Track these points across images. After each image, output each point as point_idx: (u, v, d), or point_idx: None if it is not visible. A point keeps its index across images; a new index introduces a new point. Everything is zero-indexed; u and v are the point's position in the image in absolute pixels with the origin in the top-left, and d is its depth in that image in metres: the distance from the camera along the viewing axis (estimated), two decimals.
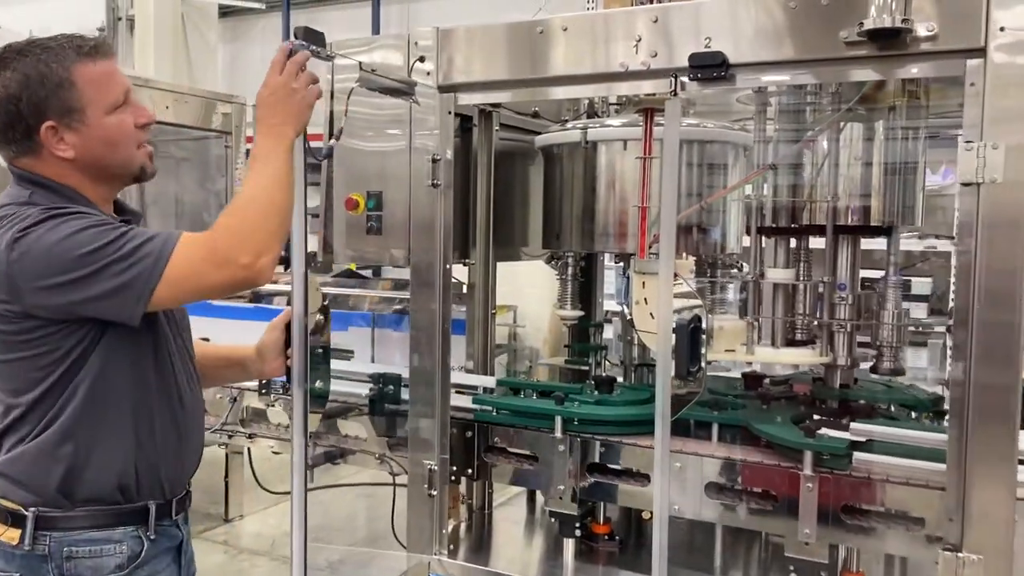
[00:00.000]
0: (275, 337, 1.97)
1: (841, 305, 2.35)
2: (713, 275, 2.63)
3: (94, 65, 1.66)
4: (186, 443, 1.79)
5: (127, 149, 1.71)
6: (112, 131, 1.67)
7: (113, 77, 1.69)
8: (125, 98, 1.70)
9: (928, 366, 5.39)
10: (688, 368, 2.03)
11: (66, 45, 1.65)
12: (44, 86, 1.61)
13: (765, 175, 2.41)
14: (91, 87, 1.64)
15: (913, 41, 1.79)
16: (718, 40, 1.97)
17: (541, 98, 2.66)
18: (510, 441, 2.44)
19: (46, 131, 1.62)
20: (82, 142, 1.65)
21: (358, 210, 2.48)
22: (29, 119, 1.62)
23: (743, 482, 2.15)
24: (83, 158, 1.66)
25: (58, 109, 1.62)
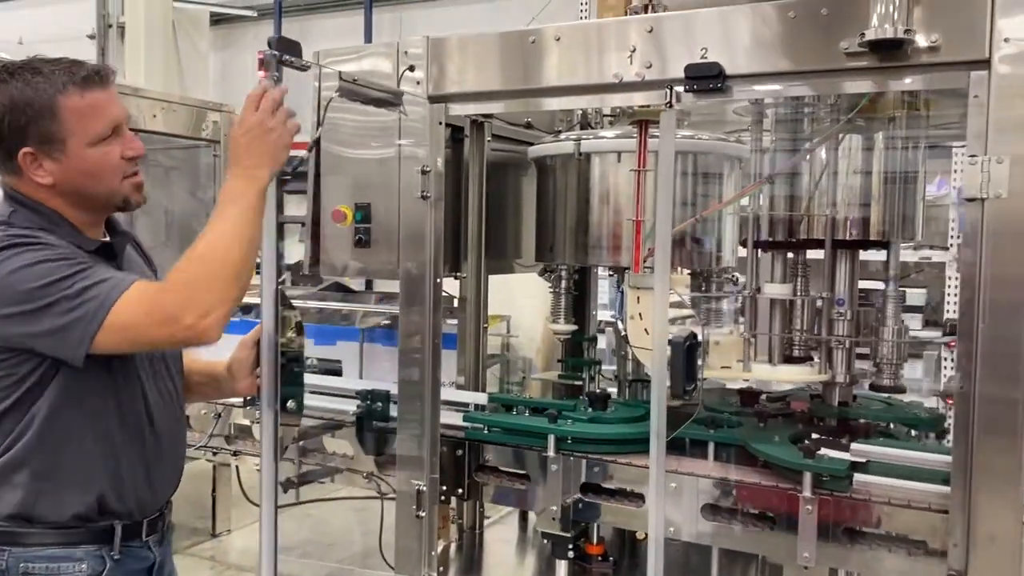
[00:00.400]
0: (245, 355, 1.90)
1: (839, 321, 2.30)
2: (708, 289, 2.58)
3: (81, 96, 1.59)
4: (158, 468, 1.73)
5: (110, 181, 1.65)
6: (93, 163, 1.61)
7: (102, 109, 1.62)
8: (113, 130, 1.63)
9: (923, 377, 5.35)
10: (684, 386, 1.97)
11: (59, 71, 1.59)
12: (26, 112, 1.56)
13: (761, 187, 2.36)
14: (74, 118, 1.59)
15: (915, 52, 1.75)
16: (714, 51, 1.93)
17: (533, 109, 2.60)
18: (502, 460, 2.38)
19: (24, 156, 1.58)
20: (61, 171, 1.60)
21: (346, 222, 2.42)
22: (9, 141, 1.58)
23: (740, 503, 2.09)
24: (62, 185, 1.61)
25: (37, 137, 1.57)
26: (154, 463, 1.72)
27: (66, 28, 9.03)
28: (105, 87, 1.63)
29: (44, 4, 9.57)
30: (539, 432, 2.29)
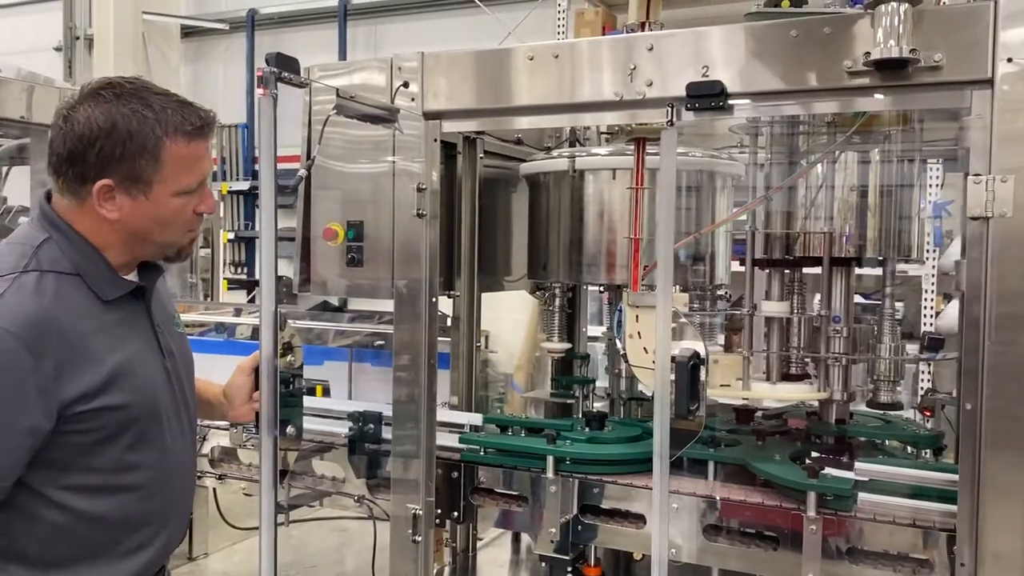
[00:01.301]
0: (243, 381, 1.86)
1: (836, 338, 2.30)
2: (703, 307, 2.56)
3: (187, 146, 1.52)
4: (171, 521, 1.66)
5: (175, 232, 1.59)
6: (170, 213, 1.55)
7: (200, 162, 1.56)
8: (199, 186, 1.58)
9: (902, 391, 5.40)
10: (688, 406, 1.95)
11: (171, 111, 1.51)
12: (125, 146, 1.47)
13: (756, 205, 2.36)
14: (173, 167, 1.51)
15: (917, 71, 1.75)
16: (716, 69, 1.92)
17: (532, 127, 2.58)
18: (498, 481, 2.34)
19: (100, 187, 1.49)
20: (133, 211, 1.52)
21: (337, 240, 2.38)
22: (90, 169, 1.48)
23: (743, 523, 2.07)
24: (126, 224, 1.53)
25: (125, 172, 1.49)
26: (167, 519, 1.64)
27: (32, 40, 8.86)
28: (208, 139, 1.57)
29: (8, 15, 9.38)
30: (538, 453, 2.25)
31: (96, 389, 1.45)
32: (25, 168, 4.81)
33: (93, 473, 1.50)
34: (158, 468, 1.59)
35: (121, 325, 1.55)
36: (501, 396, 5.64)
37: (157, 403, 1.58)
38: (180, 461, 1.66)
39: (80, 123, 1.47)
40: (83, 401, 1.44)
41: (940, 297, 5.50)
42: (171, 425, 1.63)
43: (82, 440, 1.47)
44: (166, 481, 1.62)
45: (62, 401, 1.42)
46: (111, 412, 1.48)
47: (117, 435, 1.50)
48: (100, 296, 1.52)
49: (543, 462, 2.24)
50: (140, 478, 1.56)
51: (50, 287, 1.46)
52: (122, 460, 1.52)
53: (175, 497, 1.66)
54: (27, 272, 1.46)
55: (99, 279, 1.53)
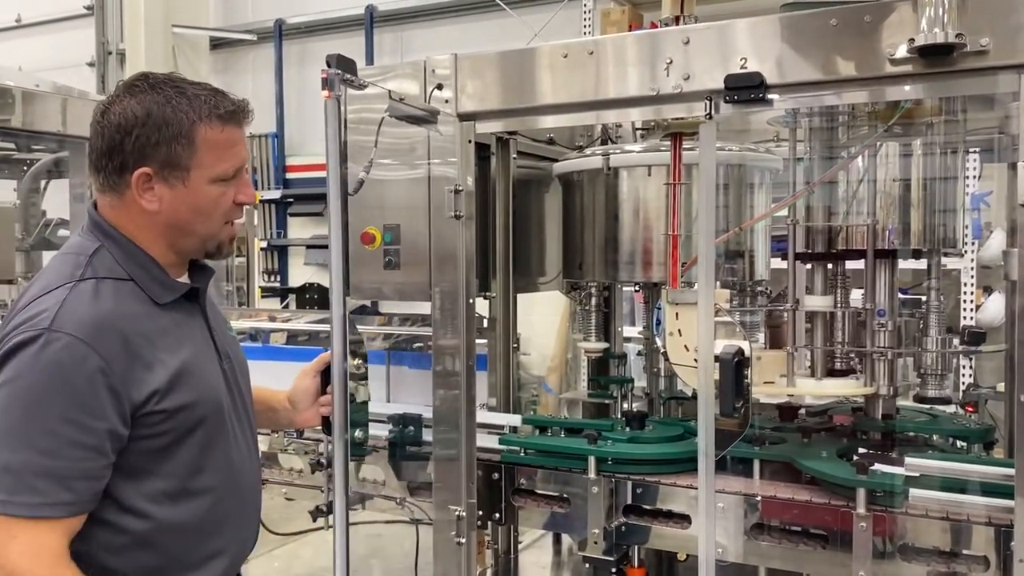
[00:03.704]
0: (308, 384, 1.86)
1: (881, 332, 2.25)
2: (743, 303, 2.53)
3: (222, 130, 1.53)
4: (245, 526, 1.67)
5: (214, 223, 1.58)
6: (208, 201, 1.54)
7: (234, 148, 1.56)
8: (236, 172, 1.57)
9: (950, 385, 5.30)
10: (734, 404, 1.92)
11: (204, 97, 1.52)
12: (160, 132, 1.48)
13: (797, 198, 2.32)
14: (208, 151, 1.52)
15: (962, 57, 1.72)
16: (754, 60, 1.89)
17: (567, 124, 2.57)
18: (540, 483, 2.33)
19: (139, 176, 1.50)
20: (172, 200, 1.52)
21: (374, 244, 2.38)
22: (128, 156, 1.49)
23: (789, 522, 2.04)
24: (165, 216, 1.53)
25: (163, 159, 1.49)
26: (241, 524, 1.65)
27: (66, 56, 9.02)
28: (242, 126, 1.58)
29: (43, 32, 9.57)
30: (579, 454, 2.24)
31: (164, 389, 1.47)
32: (63, 182, 4.89)
33: (169, 478, 1.51)
34: (227, 470, 1.60)
35: (179, 327, 1.56)
36: (534, 399, 5.63)
37: (220, 403, 1.59)
38: (246, 464, 1.66)
39: (117, 115, 1.49)
40: (152, 402, 1.45)
41: (980, 290, 5.40)
42: (234, 427, 1.63)
43: (156, 444, 1.48)
44: (236, 484, 1.62)
45: (134, 403, 1.44)
46: (180, 412, 1.49)
47: (187, 436, 1.51)
48: (155, 300, 1.53)
49: (584, 463, 2.22)
50: (212, 481, 1.56)
51: (108, 293, 1.48)
52: (194, 463, 1.53)
53: (245, 500, 1.66)
54: (84, 280, 1.47)
55: (152, 283, 1.54)
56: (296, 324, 3.54)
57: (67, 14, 9.52)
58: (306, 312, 6.20)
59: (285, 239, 8.98)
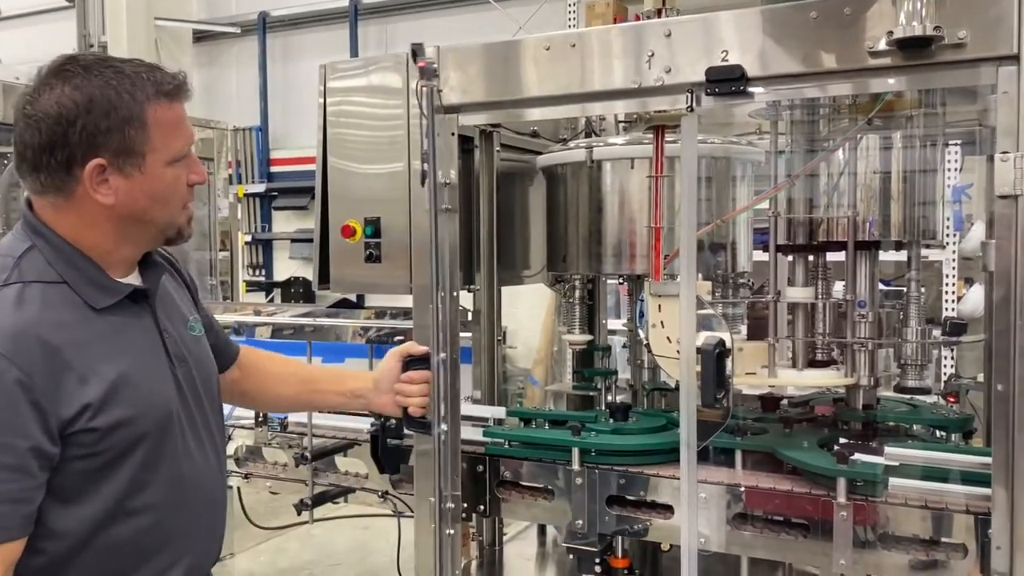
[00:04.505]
0: (391, 365, 1.87)
1: (861, 323, 2.27)
2: (725, 295, 2.55)
3: (170, 108, 1.44)
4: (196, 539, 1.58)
5: (173, 208, 1.49)
6: (165, 185, 1.45)
7: (183, 125, 1.48)
8: (187, 151, 1.49)
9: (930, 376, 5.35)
10: (715, 394, 1.94)
11: (145, 76, 1.41)
12: (108, 117, 1.37)
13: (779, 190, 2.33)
14: (161, 132, 1.42)
15: (941, 49, 1.73)
16: (735, 53, 1.90)
17: (549, 117, 2.57)
18: (524, 475, 2.33)
19: (92, 168, 1.38)
20: (128, 190, 1.41)
21: (355, 237, 2.38)
22: (76, 149, 1.36)
23: (772, 511, 2.06)
24: (122, 207, 1.42)
25: (116, 147, 1.38)
26: (192, 538, 1.56)
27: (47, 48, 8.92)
28: (184, 100, 1.49)
29: (24, 24, 9.49)
30: (563, 445, 2.24)
31: (97, 403, 1.36)
32: None
33: (102, 500, 1.40)
34: (174, 485, 1.49)
35: (119, 332, 1.45)
36: (520, 391, 5.65)
37: (166, 415, 1.48)
38: (200, 475, 1.55)
39: (51, 106, 1.36)
40: (85, 418, 1.35)
41: (961, 281, 5.45)
42: (186, 438, 1.52)
43: (91, 465, 1.38)
44: (184, 499, 1.52)
45: (62, 419, 1.33)
46: (116, 430, 1.39)
47: (126, 455, 1.41)
48: (91, 304, 1.42)
49: (568, 454, 2.23)
50: (155, 497, 1.46)
51: (34, 298, 1.37)
52: (135, 482, 1.43)
53: (197, 516, 1.56)
54: (8, 285, 1.36)
55: (88, 286, 1.43)
56: (281, 318, 3.53)
57: (48, 6, 9.45)
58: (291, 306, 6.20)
59: (270, 233, 8.96)
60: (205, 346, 1.69)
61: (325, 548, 4.92)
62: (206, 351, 1.69)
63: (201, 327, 1.69)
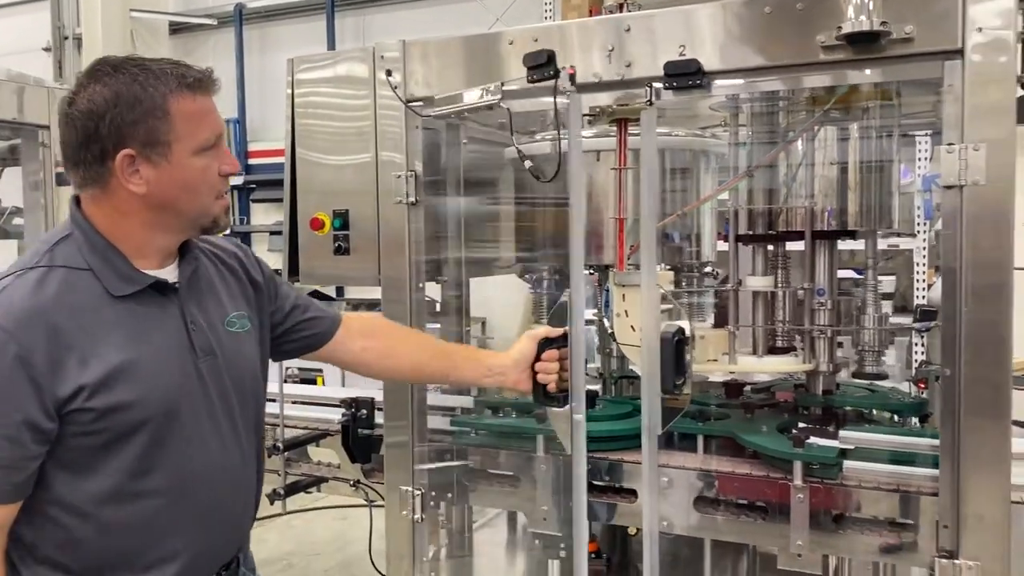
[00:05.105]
0: (527, 346, 1.95)
1: (820, 310, 2.33)
2: (690, 284, 2.59)
3: (193, 100, 1.49)
4: (209, 530, 1.59)
5: (204, 197, 1.53)
6: (194, 174, 1.50)
7: (209, 116, 1.52)
8: (216, 141, 1.53)
9: (896, 363, 5.44)
10: (674, 381, 1.98)
11: (168, 71, 1.48)
12: (134, 109, 1.44)
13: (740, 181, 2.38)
14: (185, 122, 1.47)
15: (890, 44, 1.77)
16: (692, 48, 1.94)
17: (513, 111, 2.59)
18: (491, 462, 2.37)
19: (122, 159, 1.45)
20: (158, 179, 1.47)
21: (324, 230, 2.41)
22: (107, 141, 1.44)
23: (732, 494, 2.11)
24: (154, 197, 1.48)
25: (143, 138, 1.45)
26: (203, 528, 1.57)
27: (21, 41, 8.86)
28: (211, 94, 1.54)
29: None
30: (528, 433, 2.28)
31: (94, 385, 1.41)
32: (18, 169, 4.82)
33: (112, 476, 1.46)
34: (181, 474, 1.52)
35: (137, 321, 1.49)
36: None
37: (174, 403, 1.50)
38: (215, 466, 1.58)
39: (85, 103, 1.45)
40: (80, 398, 1.41)
41: (932, 270, 5.53)
42: (201, 428, 1.55)
43: (93, 442, 1.44)
44: (194, 488, 1.54)
45: (57, 397, 1.40)
46: (113, 413, 1.43)
47: (129, 436, 1.46)
48: (111, 292, 1.48)
49: (533, 442, 2.27)
50: (161, 483, 1.50)
51: (54, 282, 1.44)
52: (139, 464, 1.47)
53: (208, 507, 1.57)
54: (35, 268, 1.45)
55: (110, 274, 1.49)
56: None
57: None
58: None
59: (248, 225, 8.94)
60: (245, 341, 1.69)
61: (304, 539, 4.95)
62: (248, 346, 1.69)
63: (246, 323, 1.69)
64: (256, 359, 1.72)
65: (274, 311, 1.79)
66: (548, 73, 1.93)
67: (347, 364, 2.02)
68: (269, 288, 1.78)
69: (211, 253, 1.69)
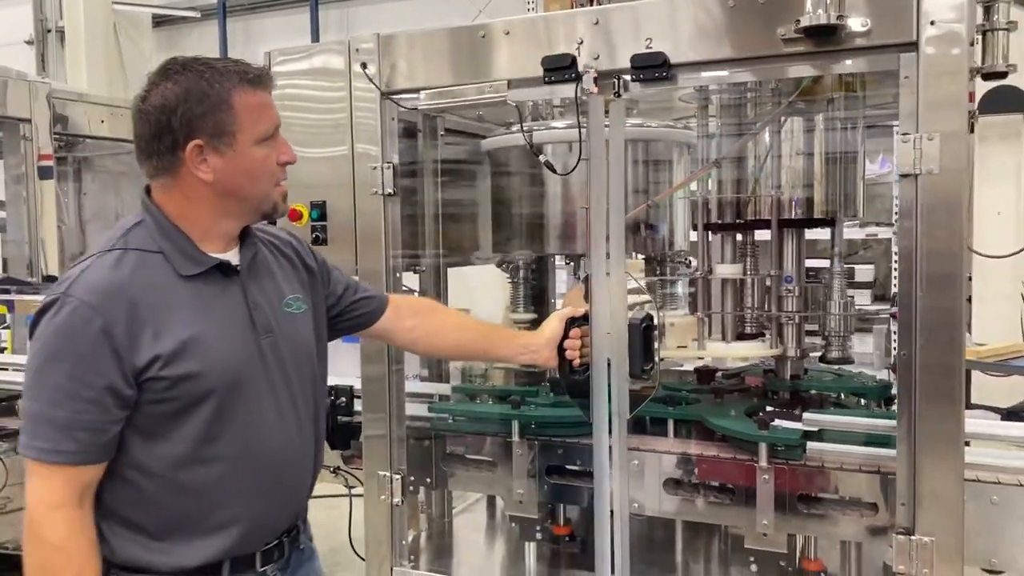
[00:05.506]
0: (560, 327, 2.07)
1: (788, 297, 2.39)
2: (663, 272, 2.65)
3: (254, 94, 1.63)
4: (268, 499, 1.69)
5: (265, 184, 1.67)
6: (256, 163, 1.64)
7: (268, 109, 1.66)
8: (274, 132, 1.67)
9: (874, 351, 5.52)
10: (642, 366, 2.04)
11: (231, 68, 1.63)
12: (202, 103, 1.58)
13: (710, 172, 2.44)
14: (247, 114, 1.61)
15: (848, 37, 1.83)
16: (659, 41, 1.99)
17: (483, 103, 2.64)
18: (468, 448, 2.43)
19: (192, 149, 1.58)
20: (224, 167, 1.61)
21: (302, 221, 2.45)
22: (178, 133, 1.58)
23: (700, 476, 2.17)
24: (221, 184, 1.62)
25: (210, 129, 1.59)
26: (263, 495, 1.67)
27: (3, 34, 8.82)
28: (269, 88, 1.67)
29: None
30: (503, 418, 2.34)
31: (167, 356, 1.54)
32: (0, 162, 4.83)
33: (181, 443, 1.58)
34: (246, 442, 1.63)
35: (203, 299, 1.62)
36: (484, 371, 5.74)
37: (238, 376, 1.62)
38: (274, 440, 1.68)
39: (158, 100, 1.58)
40: (155, 367, 1.53)
41: None
42: (263, 403, 1.66)
43: (165, 409, 1.56)
44: (254, 457, 1.65)
45: (135, 366, 1.52)
46: (184, 382, 1.56)
47: (197, 405, 1.58)
48: (180, 272, 1.61)
49: (509, 427, 2.32)
50: (226, 450, 1.61)
51: (129, 263, 1.58)
52: (207, 431, 1.59)
53: (268, 476, 1.67)
54: (112, 251, 1.59)
55: (179, 256, 1.62)
56: None
57: None
58: None
59: None
60: (301, 322, 1.80)
61: None
62: (303, 327, 1.80)
63: (302, 305, 1.81)
64: (311, 340, 1.83)
65: (328, 295, 1.93)
66: (569, 76, 2.00)
67: (397, 342, 2.19)
68: (322, 273, 1.92)
69: (268, 241, 1.82)
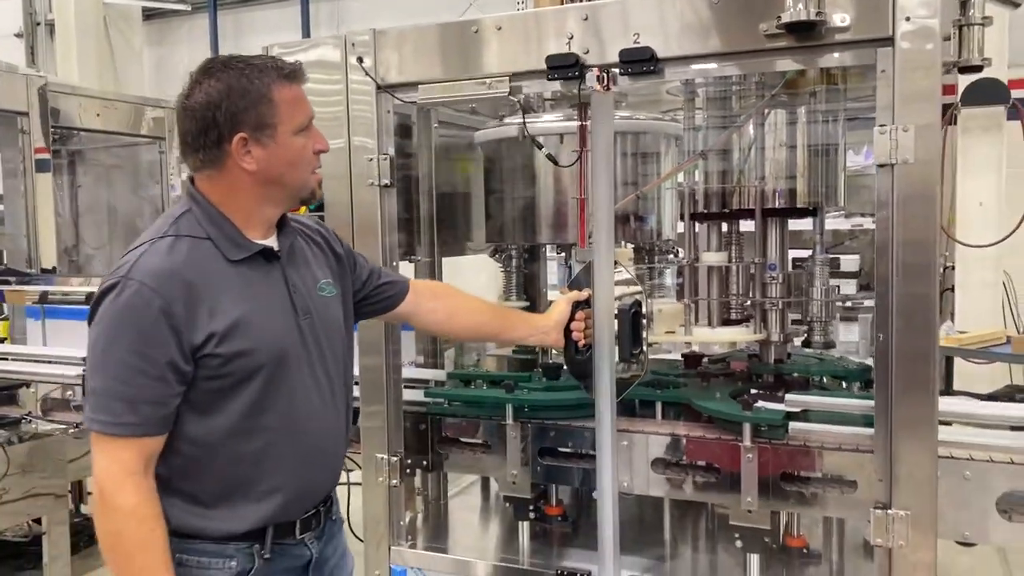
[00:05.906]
0: (567, 309, 2.19)
1: (772, 284, 2.47)
2: (651, 261, 2.72)
3: (290, 88, 1.74)
4: (309, 469, 1.81)
5: (303, 172, 1.79)
6: (295, 152, 1.75)
7: (304, 102, 1.78)
8: (309, 123, 1.78)
9: (859, 339, 5.61)
10: (631, 351, 2.11)
11: (269, 64, 1.74)
12: (244, 98, 1.68)
13: (696, 163, 2.51)
14: (285, 107, 1.72)
15: (828, 32, 1.90)
16: (646, 36, 2.06)
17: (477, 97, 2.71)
18: (463, 431, 2.50)
19: (238, 141, 1.69)
20: (266, 157, 1.72)
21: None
22: (223, 128, 1.68)
23: (687, 456, 2.25)
24: (264, 173, 1.73)
25: (252, 122, 1.69)
26: (304, 465, 1.80)
27: None
28: (302, 82, 1.79)
29: None
30: (497, 402, 2.41)
31: (221, 334, 1.65)
32: None
33: (231, 416, 1.69)
34: (290, 415, 1.75)
35: (248, 282, 1.73)
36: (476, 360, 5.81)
37: (283, 353, 1.74)
38: (315, 413, 1.81)
39: (201, 97, 1.69)
40: (211, 344, 1.64)
41: None
42: (304, 379, 1.78)
43: (218, 385, 1.67)
44: (297, 429, 1.77)
45: (193, 344, 1.64)
46: (237, 358, 1.67)
47: (247, 380, 1.69)
48: (227, 257, 1.72)
49: (503, 411, 2.40)
50: (272, 422, 1.73)
51: (183, 248, 1.69)
52: (255, 404, 1.70)
53: (308, 448, 1.80)
54: (164, 237, 1.69)
55: (226, 242, 1.73)
56: None
57: None
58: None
59: None
60: (334, 306, 1.94)
61: None
62: (335, 310, 1.94)
63: (333, 289, 1.94)
64: (341, 321, 1.96)
65: (354, 279, 2.06)
66: (573, 74, 2.09)
67: (419, 324, 2.32)
68: (349, 260, 2.05)
69: (300, 230, 1.94)
